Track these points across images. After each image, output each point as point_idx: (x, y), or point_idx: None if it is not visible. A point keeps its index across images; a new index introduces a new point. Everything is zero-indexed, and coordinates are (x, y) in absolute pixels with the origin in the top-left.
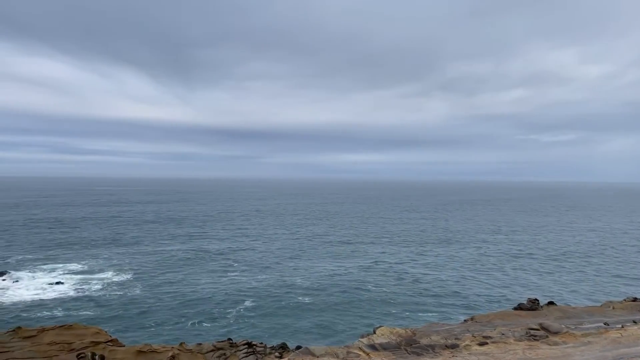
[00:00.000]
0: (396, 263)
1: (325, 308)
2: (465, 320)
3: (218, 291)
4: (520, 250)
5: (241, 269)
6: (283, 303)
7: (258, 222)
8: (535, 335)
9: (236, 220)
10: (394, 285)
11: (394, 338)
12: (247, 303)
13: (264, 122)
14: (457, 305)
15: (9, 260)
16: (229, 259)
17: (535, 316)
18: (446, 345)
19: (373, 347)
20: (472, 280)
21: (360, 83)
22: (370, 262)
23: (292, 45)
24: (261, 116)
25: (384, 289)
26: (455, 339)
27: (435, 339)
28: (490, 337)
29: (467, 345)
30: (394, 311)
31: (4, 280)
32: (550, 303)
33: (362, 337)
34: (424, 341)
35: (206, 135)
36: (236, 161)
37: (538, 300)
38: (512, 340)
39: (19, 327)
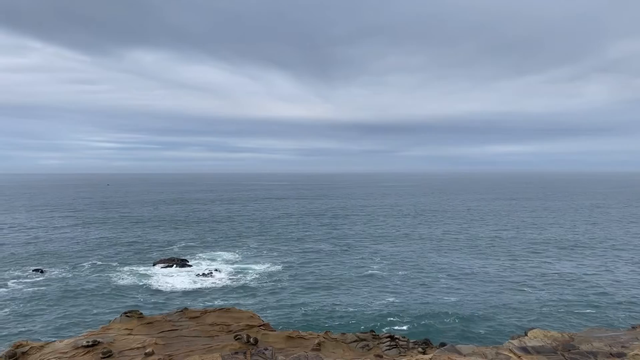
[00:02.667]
0: (550, 262)
1: (471, 306)
2: (633, 327)
3: (360, 285)
4: None
5: (383, 264)
6: (426, 299)
7: (397, 217)
8: None
9: (375, 215)
10: (548, 285)
11: (548, 342)
12: (389, 298)
13: (402, 116)
14: (622, 311)
15: (174, 248)
16: (370, 253)
17: None
18: (611, 354)
19: (525, 349)
20: None
21: (504, 70)
22: (522, 261)
23: (430, 36)
24: (398, 110)
25: (537, 289)
26: (622, 347)
27: (597, 345)
28: None
29: (635, 354)
30: (546, 311)
31: (170, 267)
32: None
33: (513, 338)
34: (584, 347)
35: (344, 131)
36: (373, 155)
37: None
38: None
39: (186, 308)
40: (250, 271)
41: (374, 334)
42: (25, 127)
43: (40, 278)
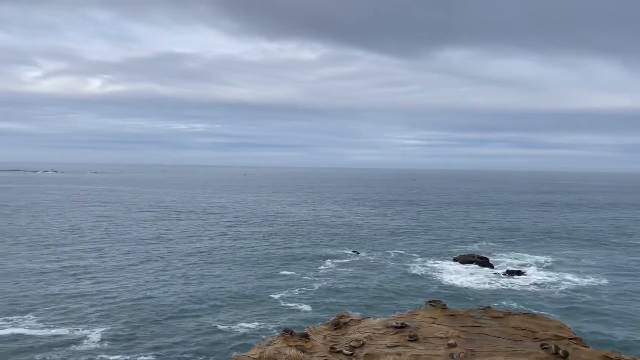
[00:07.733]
0: None
1: None
2: None
3: None
4: None
5: None
6: None
7: None
8: None
9: None
10: None
11: None
12: None
13: None
14: None
15: (474, 246)
16: None
17: None
18: None
19: None
20: None
21: None
22: None
23: None
24: None
25: None
26: None
27: None
28: None
29: None
30: None
31: (469, 263)
32: None
33: None
34: None
35: None
36: None
37: None
38: None
39: (489, 307)
40: (561, 280)
41: None
42: (347, 127)
43: (347, 260)
